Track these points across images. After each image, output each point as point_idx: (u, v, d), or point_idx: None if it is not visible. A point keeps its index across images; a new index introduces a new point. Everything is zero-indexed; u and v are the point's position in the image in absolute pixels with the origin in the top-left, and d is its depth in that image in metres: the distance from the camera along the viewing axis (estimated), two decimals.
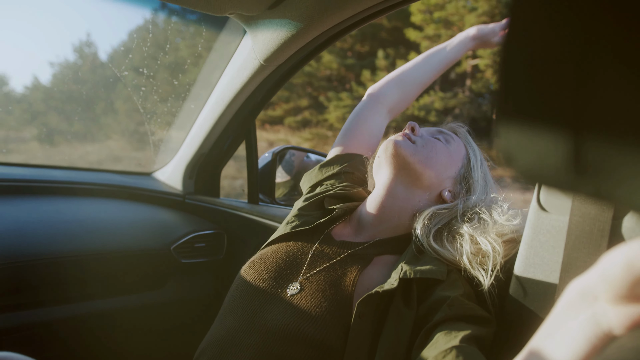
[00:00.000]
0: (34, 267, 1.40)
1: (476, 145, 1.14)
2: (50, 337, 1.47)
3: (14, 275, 1.36)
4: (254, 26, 1.21)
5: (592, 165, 0.24)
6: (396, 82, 1.37)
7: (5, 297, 1.38)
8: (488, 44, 1.40)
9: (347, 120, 1.35)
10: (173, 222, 1.83)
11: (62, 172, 2.07)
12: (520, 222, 0.93)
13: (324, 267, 0.96)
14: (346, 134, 1.32)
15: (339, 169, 1.24)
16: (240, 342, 0.86)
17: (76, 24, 9.65)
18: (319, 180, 1.26)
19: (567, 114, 0.24)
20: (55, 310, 1.47)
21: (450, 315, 0.78)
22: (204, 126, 1.73)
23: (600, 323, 0.36)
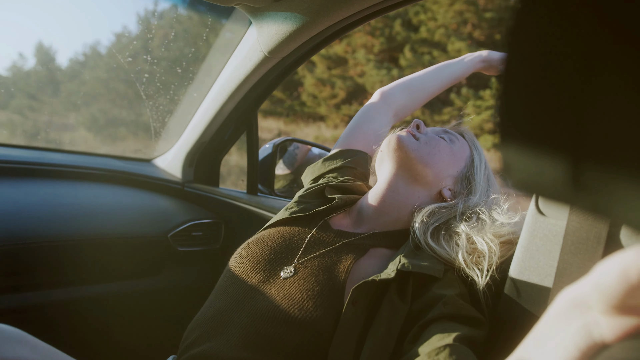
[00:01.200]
0: (31, 249, 1.41)
1: (482, 149, 1.14)
2: (45, 320, 1.47)
3: (11, 257, 1.37)
4: (259, 17, 1.21)
5: (590, 182, 0.24)
6: (406, 87, 1.40)
7: (1, 278, 1.38)
8: (493, 69, 1.44)
9: (355, 117, 1.37)
10: (171, 209, 1.83)
11: (62, 156, 2.06)
12: (518, 224, 0.94)
13: (319, 253, 0.97)
14: (352, 131, 1.34)
15: (342, 163, 1.25)
16: (229, 321, 0.87)
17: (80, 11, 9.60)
18: (321, 173, 1.27)
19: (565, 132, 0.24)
20: (51, 294, 1.48)
21: (444, 313, 0.79)
22: (205, 115, 1.73)
23: (592, 333, 0.36)
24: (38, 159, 1.88)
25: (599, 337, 0.35)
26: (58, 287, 1.50)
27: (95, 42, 8.79)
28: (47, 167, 1.84)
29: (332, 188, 1.17)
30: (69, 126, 8.10)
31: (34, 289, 1.45)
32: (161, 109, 2.18)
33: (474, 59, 1.43)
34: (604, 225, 0.72)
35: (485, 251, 0.89)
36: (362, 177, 1.26)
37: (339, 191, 1.17)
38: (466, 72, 1.43)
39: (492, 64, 1.42)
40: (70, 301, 1.51)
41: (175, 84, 2.15)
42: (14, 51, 7.62)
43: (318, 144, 2.08)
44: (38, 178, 1.79)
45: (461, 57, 1.45)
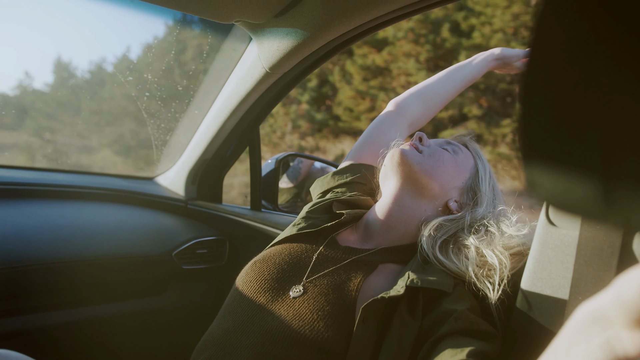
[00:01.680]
0: (33, 272, 1.39)
1: (486, 159, 1.13)
2: (48, 343, 1.45)
3: (13, 280, 1.35)
4: (260, 34, 1.21)
5: (622, 198, 0.24)
6: (419, 96, 1.37)
7: (3, 301, 1.37)
8: (509, 67, 1.41)
9: (366, 130, 1.34)
10: (175, 227, 1.82)
11: (63, 176, 2.06)
12: (528, 235, 0.92)
13: (328, 271, 0.96)
14: (364, 144, 1.31)
15: (351, 178, 1.23)
16: (239, 342, 0.85)
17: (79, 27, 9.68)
18: (330, 187, 1.25)
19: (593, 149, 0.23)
20: (54, 316, 1.46)
21: (456, 328, 0.77)
22: (207, 132, 1.73)
23: (614, 349, 0.35)
24: (39, 180, 1.87)
25: (622, 353, 0.34)
26: (61, 309, 1.48)
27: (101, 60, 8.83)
28: (48, 188, 1.83)
29: (339, 203, 1.16)
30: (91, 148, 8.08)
31: (35, 311, 1.43)
32: (162, 127, 2.18)
33: (487, 58, 1.40)
34: (617, 235, 0.71)
35: (495, 264, 0.87)
36: (370, 193, 1.24)
37: (346, 206, 1.16)
38: (480, 72, 1.40)
39: (507, 62, 1.40)
40: (74, 323, 1.50)
41: (176, 101, 2.15)
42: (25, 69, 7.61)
43: (322, 158, 2.08)
44: (39, 199, 1.78)
45: (473, 57, 1.43)
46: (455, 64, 1.42)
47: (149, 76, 1.98)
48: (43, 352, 1.44)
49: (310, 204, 1.20)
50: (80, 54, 10.28)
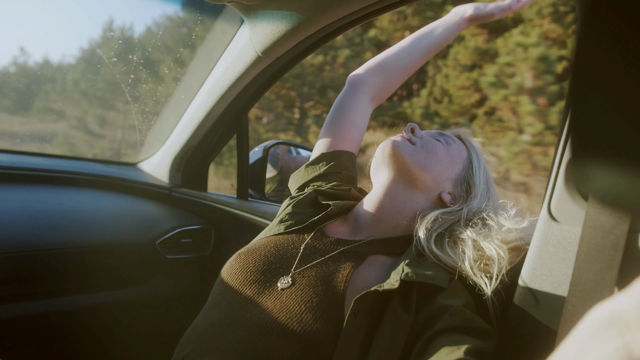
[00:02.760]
0: (11, 259, 1.34)
1: (479, 150, 1.11)
2: (27, 332, 1.41)
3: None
4: (253, 16, 1.16)
5: None
6: (378, 68, 1.29)
7: None
8: (481, 20, 1.30)
9: (330, 112, 1.29)
10: (158, 215, 1.78)
11: (43, 160, 2.00)
12: (526, 229, 0.91)
13: (317, 262, 0.94)
14: (329, 127, 1.27)
15: (325, 169, 1.21)
16: (224, 336, 0.83)
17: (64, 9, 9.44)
18: (305, 182, 1.23)
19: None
20: (32, 305, 1.41)
21: (452, 325, 0.76)
22: (194, 117, 1.68)
23: (633, 353, 0.33)
24: (18, 163, 1.81)
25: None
26: (39, 298, 1.44)
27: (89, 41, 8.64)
28: (28, 172, 1.77)
29: (322, 195, 1.14)
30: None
31: (13, 300, 1.38)
32: (147, 111, 2.13)
33: (458, 21, 1.28)
34: (621, 232, 0.70)
35: (494, 257, 0.86)
36: (349, 180, 1.22)
37: (329, 198, 1.13)
38: (451, 37, 1.30)
39: (483, 19, 1.29)
40: (54, 313, 1.45)
41: (162, 85, 2.09)
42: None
43: (307, 146, 2.04)
44: (17, 183, 1.72)
45: (440, 20, 1.30)
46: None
47: (135, 57, 1.92)
48: (21, 341, 1.40)
49: (289, 199, 1.17)
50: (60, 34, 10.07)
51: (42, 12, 10.69)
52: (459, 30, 1.28)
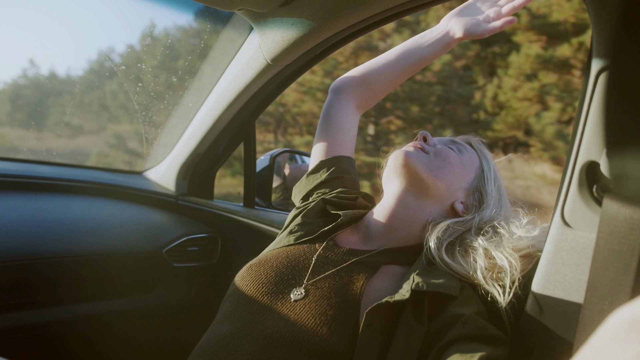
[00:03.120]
0: (18, 267, 1.34)
1: (491, 157, 1.11)
2: (32, 341, 1.41)
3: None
4: (262, 24, 1.17)
5: None
6: (362, 80, 1.26)
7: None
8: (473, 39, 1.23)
9: (319, 121, 1.28)
10: (165, 224, 1.78)
11: (49, 168, 2.00)
12: (537, 237, 0.90)
13: (329, 273, 0.93)
14: (321, 136, 1.26)
15: (326, 175, 1.20)
16: (237, 348, 0.82)
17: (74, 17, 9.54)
18: (309, 190, 1.23)
19: None
20: (39, 313, 1.41)
21: (464, 334, 0.76)
22: (202, 125, 1.68)
23: None
24: (24, 171, 1.81)
25: None
26: (47, 306, 1.43)
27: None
28: (35, 180, 1.78)
29: (330, 204, 1.13)
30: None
31: (19, 309, 1.38)
32: (154, 119, 2.13)
33: (449, 41, 1.22)
34: (637, 238, 0.69)
35: (505, 266, 0.85)
36: (352, 184, 1.21)
37: (338, 207, 1.13)
38: (438, 55, 1.24)
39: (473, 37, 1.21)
40: (60, 321, 1.45)
41: (170, 93, 2.10)
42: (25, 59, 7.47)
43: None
44: (25, 192, 1.72)
45: (429, 35, 1.24)
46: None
47: (143, 66, 1.93)
48: (26, 350, 1.39)
49: (296, 210, 1.17)
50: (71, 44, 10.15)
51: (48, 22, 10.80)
52: (447, 48, 1.24)
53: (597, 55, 0.71)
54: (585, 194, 0.76)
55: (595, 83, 0.71)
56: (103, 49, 8.67)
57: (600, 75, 0.71)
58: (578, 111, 0.76)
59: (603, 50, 0.70)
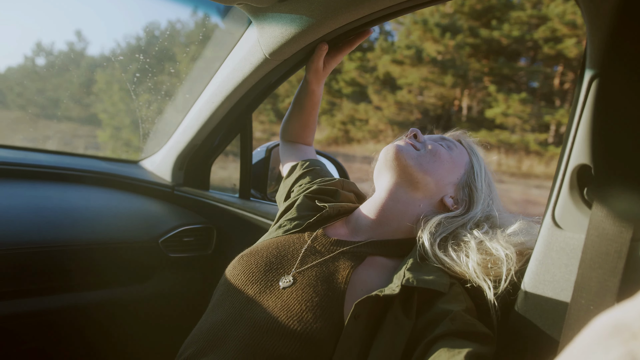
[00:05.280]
0: (15, 255, 1.34)
1: (480, 154, 1.13)
2: (25, 330, 1.41)
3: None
4: (261, 18, 1.17)
5: None
6: (285, 132, 1.47)
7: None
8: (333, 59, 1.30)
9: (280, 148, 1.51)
10: (161, 214, 1.78)
11: (46, 156, 2.00)
12: (528, 235, 0.92)
13: (316, 262, 0.96)
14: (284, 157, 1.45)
15: (301, 171, 1.30)
16: (227, 335, 0.85)
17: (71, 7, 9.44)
18: (288, 190, 1.30)
19: None
20: (35, 302, 1.42)
21: (452, 329, 0.77)
22: (199, 117, 1.68)
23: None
24: (20, 159, 1.81)
25: None
26: (42, 295, 1.44)
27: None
28: (31, 169, 1.78)
29: (313, 194, 1.19)
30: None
31: (16, 296, 1.39)
32: (151, 109, 2.13)
33: (307, 79, 1.32)
34: (624, 240, 0.71)
35: (502, 257, 0.87)
36: (327, 174, 1.31)
37: (322, 194, 1.19)
38: (313, 93, 1.34)
39: (321, 65, 1.28)
40: (57, 309, 1.46)
41: (167, 84, 2.09)
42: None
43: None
44: (21, 180, 1.72)
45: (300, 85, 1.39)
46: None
47: (141, 56, 1.92)
48: (23, 338, 1.40)
49: (282, 207, 1.23)
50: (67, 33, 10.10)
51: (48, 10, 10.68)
52: (313, 84, 1.33)
53: (591, 61, 0.72)
54: (575, 197, 0.77)
55: (589, 89, 0.72)
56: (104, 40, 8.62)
57: (593, 81, 0.72)
58: (571, 115, 0.77)
59: (597, 56, 0.71)
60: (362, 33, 1.20)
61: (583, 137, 0.74)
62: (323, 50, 1.23)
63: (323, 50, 1.23)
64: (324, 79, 1.33)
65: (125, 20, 12.42)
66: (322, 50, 1.23)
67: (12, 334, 1.37)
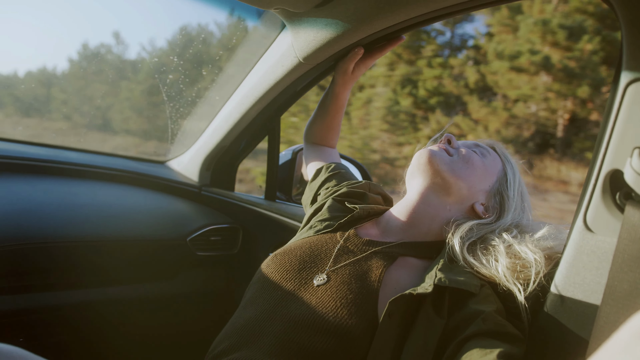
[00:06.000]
0: (47, 249, 1.38)
1: (515, 163, 1.13)
2: (57, 322, 1.45)
3: (24, 257, 1.35)
4: (297, 23, 1.20)
5: None
6: (309, 134, 1.51)
7: (15, 278, 1.35)
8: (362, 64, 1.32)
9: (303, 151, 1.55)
10: (189, 213, 1.82)
11: (76, 154, 2.05)
12: (557, 240, 0.93)
13: (350, 261, 0.97)
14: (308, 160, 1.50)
15: (327, 174, 1.33)
16: (261, 330, 0.86)
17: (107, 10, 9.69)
18: (314, 193, 1.33)
19: None
20: (64, 295, 1.46)
21: (483, 330, 0.78)
22: (229, 119, 1.71)
23: None
24: (54, 156, 1.86)
25: None
26: (72, 288, 1.48)
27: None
28: (63, 166, 1.82)
29: (342, 197, 1.21)
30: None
31: (46, 289, 1.42)
32: (181, 111, 2.17)
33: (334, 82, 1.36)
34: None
35: (530, 260, 0.88)
36: (352, 178, 1.33)
37: (351, 197, 1.21)
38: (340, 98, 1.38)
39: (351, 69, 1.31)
40: (84, 304, 1.49)
41: (198, 86, 2.14)
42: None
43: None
44: (53, 176, 1.77)
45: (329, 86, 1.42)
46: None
47: (175, 58, 1.97)
48: (51, 331, 1.44)
49: (311, 210, 1.25)
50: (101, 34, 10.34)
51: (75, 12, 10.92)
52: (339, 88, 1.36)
53: (627, 66, 0.73)
54: (608, 201, 0.78)
55: (624, 94, 0.74)
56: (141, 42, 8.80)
57: (629, 86, 0.73)
58: (604, 120, 0.78)
59: (633, 61, 0.72)
60: (395, 39, 1.23)
61: (617, 142, 0.75)
62: (358, 54, 1.25)
63: (357, 54, 1.26)
64: (352, 83, 1.35)
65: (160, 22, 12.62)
66: (357, 54, 1.25)
67: (37, 327, 1.41)
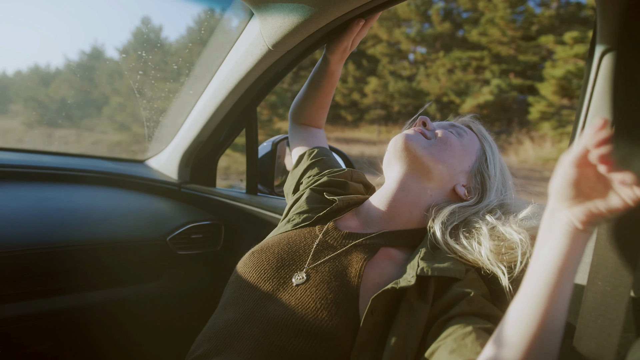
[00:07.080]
0: (23, 257, 1.34)
1: (492, 139, 1.10)
2: (39, 330, 1.42)
3: (1, 266, 1.30)
4: (263, 9, 1.16)
5: None
6: (296, 112, 1.42)
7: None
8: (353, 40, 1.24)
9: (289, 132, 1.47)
10: (168, 212, 1.78)
11: (52, 158, 2.01)
12: (542, 218, 0.91)
13: (329, 257, 0.94)
14: (293, 143, 1.41)
15: (310, 161, 1.28)
16: (240, 333, 0.84)
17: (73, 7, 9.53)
18: (297, 182, 1.28)
19: None
20: (44, 303, 1.42)
21: (467, 310, 0.77)
22: (203, 113, 1.68)
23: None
24: (27, 162, 1.82)
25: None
26: (52, 295, 1.44)
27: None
28: (38, 170, 1.78)
29: (321, 187, 1.16)
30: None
31: (24, 298, 1.39)
32: (155, 107, 2.12)
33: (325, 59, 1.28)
34: (639, 222, 0.69)
35: (516, 241, 0.85)
36: (335, 165, 1.28)
37: (330, 186, 1.17)
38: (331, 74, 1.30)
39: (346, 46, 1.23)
40: (66, 310, 1.46)
41: (170, 81, 2.09)
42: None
43: None
44: (28, 182, 1.73)
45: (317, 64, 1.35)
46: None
47: (143, 53, 1.92)
48: (32, 339, 1.40)
49: (291, 201, 1.20)
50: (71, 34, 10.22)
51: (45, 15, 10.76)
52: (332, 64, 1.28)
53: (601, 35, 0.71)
54: None
55: (599, 64, 0.71)
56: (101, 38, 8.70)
57: (604, 56, 0.70)
58: (582, 93, 0.76)
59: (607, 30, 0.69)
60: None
61: (595, 114, 0.73)
62: (358, 26, 1.17)
63: (358, 27, 1.17)
64: (345, 58, 1.28)
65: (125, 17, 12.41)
66: (358, 26, 1.16)
67: (20, 336, 1.37)
